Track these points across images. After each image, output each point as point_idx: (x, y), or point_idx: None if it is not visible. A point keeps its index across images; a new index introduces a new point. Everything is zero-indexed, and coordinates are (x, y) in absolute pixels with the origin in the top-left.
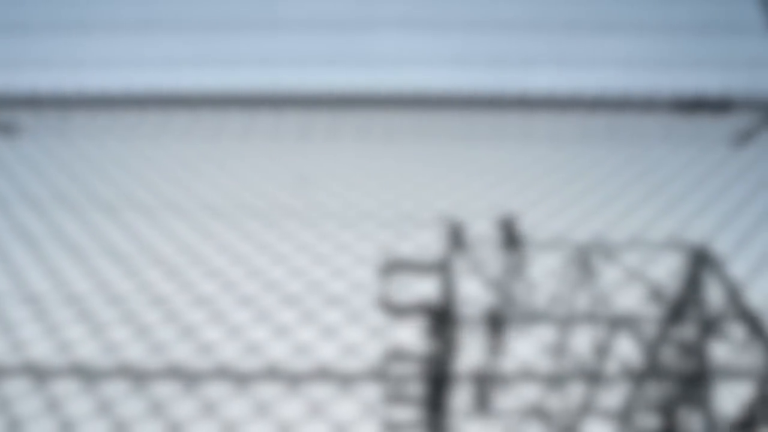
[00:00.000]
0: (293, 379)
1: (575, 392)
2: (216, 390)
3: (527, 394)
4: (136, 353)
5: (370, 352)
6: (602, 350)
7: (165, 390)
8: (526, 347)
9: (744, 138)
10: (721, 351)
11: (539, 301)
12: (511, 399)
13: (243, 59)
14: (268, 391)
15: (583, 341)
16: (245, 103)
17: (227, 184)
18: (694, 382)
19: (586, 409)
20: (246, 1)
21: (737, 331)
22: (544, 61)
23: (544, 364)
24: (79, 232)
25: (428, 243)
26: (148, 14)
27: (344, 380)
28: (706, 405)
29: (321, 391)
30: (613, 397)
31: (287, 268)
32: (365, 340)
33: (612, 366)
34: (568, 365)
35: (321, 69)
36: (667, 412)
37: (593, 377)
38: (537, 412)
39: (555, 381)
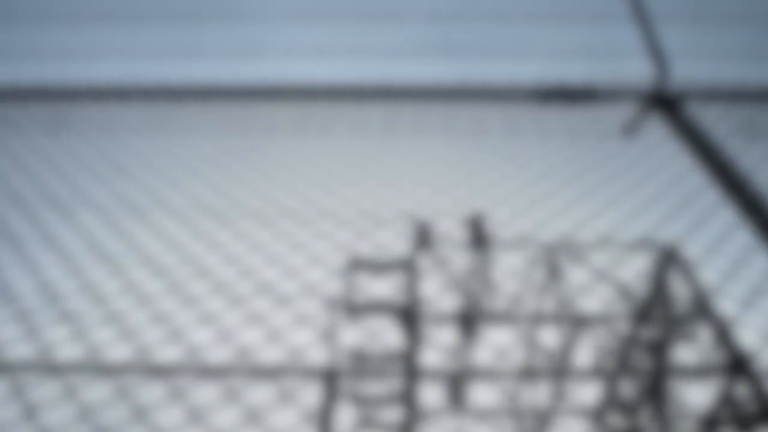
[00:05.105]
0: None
1: (544, 389)
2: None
3: (497, 391)
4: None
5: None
6: (569, 348)
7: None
8: (494, 345)
9: (630, 128)
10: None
11: (506, 299)
12: (480, 396)
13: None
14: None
15: (551, 339)
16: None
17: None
18: (660, 382)
19: (555, 406)
20: None
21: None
22: (407, 52)
23: (512, 361)
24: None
25: (394, 242)
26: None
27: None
28: (671, 404)
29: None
30: (580, 395)
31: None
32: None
33: (579, 364)
34: (537, 363)
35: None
36: (632, 410)
37: (561, 375)
38: (508, 409)
39: (523, 378)
